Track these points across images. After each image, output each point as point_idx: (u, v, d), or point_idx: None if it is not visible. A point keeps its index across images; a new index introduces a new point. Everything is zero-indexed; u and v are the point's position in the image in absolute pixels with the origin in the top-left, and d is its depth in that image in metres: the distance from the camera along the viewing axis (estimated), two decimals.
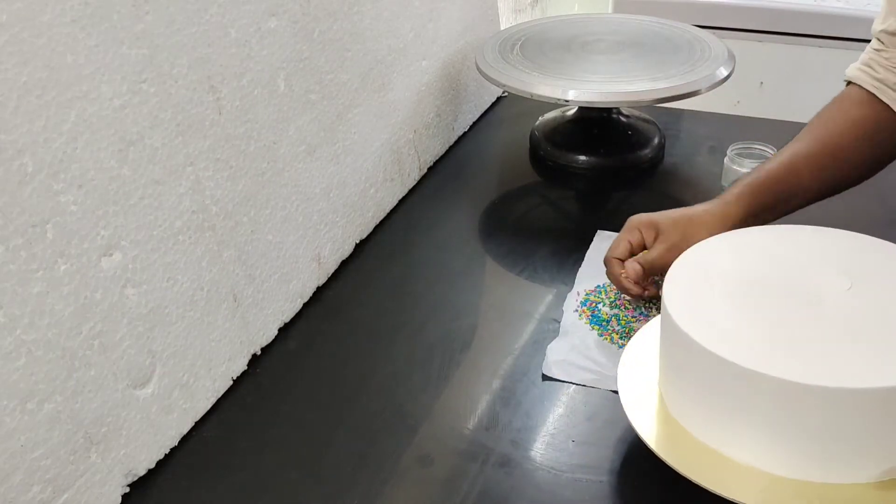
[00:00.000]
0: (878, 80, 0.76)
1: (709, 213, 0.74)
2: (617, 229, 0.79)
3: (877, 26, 0.77)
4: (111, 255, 0.59)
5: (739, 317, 0.56)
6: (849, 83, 0.80)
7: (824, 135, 0.77)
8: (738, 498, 0.52)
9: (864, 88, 0.77)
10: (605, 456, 0.65)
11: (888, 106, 0.76)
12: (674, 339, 0.57)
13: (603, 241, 0.88)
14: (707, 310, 0.57)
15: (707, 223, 0.72)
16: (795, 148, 0.77)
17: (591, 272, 0.83)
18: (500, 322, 0.80)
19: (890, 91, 0.76)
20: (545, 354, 0.73)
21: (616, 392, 0.68)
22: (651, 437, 0.58)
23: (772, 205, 0.75)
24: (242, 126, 0.71)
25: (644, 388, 0.62)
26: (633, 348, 0.66)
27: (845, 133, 0.77)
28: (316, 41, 0.81)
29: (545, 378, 0.71)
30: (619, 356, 0.70)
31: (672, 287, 0.59)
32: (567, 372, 0.71)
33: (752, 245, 0.63)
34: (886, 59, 0.76)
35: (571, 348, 0.73)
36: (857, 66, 0.79)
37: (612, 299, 0.78)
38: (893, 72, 0.76)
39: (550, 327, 0.77)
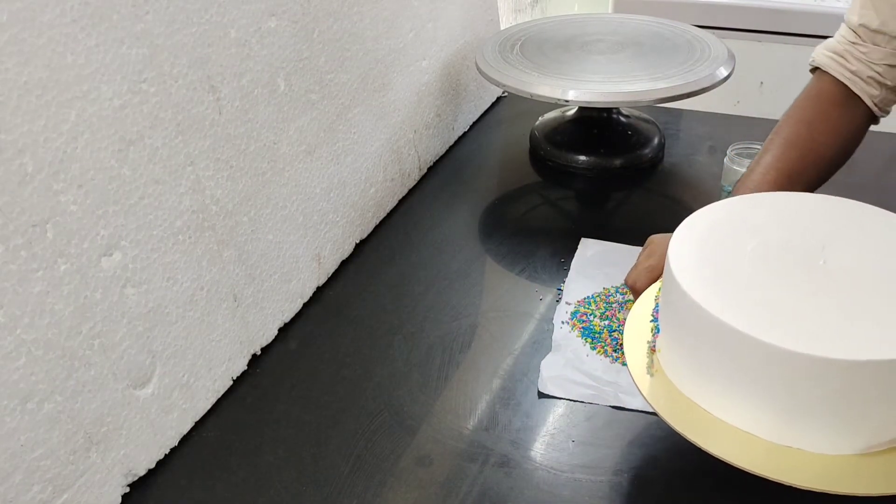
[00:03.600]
0: (851, 71, 0.76)
1: None
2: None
3: (853, 18, 0.76)
4: (111, 254, 0.59)
5: (739, 282, 0.56)
6: (815, 69, 0.79)
7: (807, 144, 0.76)
8: (722, 455, 0.53)
9: (835, 79, 0.77)
10: (605, 456, 0.65)
11: (860, 99, 0.76)
12: (676, 300, 0.57)
13: (587, 250, 0.88)
14: (708, 274, 0.57)
15: None
16: (780, 164, 0.75)
17: (578, 282, 0.83)
18: (500, 322, 0.80)
19: (862, 83, 0.76)
20: (539, 371, 0.72)
21: (614, 407, 0.68)
22: (649, 395, 0.58)
23: None
24: (243, 126, 0.71)
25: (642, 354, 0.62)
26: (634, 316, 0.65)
27: (828, 141, 0.76)
28: (316, 41, 0.81)
29: (541, 395, 0.70)
30: (614, 369, 0.70)
31: (677, 249, 0.59)
32: (563, 388, 0.70)
33: (755, 210, 0.64)
34: (863, 53, 0.75)
35: (566, 363, 0.72)
36: (826, 53, 0.78)
37: (602, 310, 0.78)
38: (868, 65, 0.75)
39: (550, 327, 0.77)
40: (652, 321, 0.63)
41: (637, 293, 0.67)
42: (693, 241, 0.59)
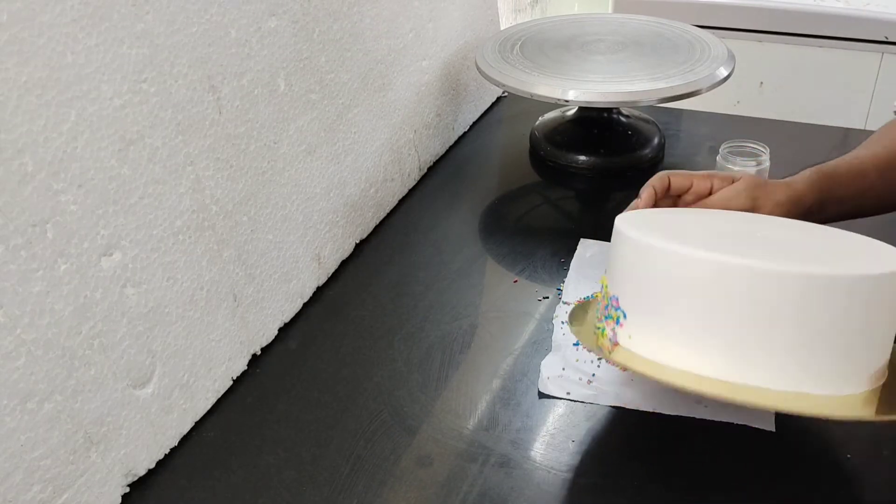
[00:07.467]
0: None
1: (783, 189, 0.71)
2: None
3: None
4: (111, 254, 0.59)
5: (680, 230, 0.63)
6: None
7: (891, 141, 0.74)
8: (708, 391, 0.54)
9: None
10: (605, 456, 0.65)
11: None
12: (623, 250, 0.61)
13: (586, 250, 0.87)
14: (655, 226, 0.63)
15: (780, 201, 0.70)
16: (861, 152, 0.74)
17: (578, 282, 0.82)
18: (500, 322, 0.80)
19: None
20: (539, 371, 0.72)
21: (614, 407, 0.68)
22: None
23: (839, 197, 0.72)
24: (243, 125, 0.71)
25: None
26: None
27: None
28: (316, 41, 0.81)
29: (541, 395, 0.70)
30: (614, 369, 0.69)
31: (624, 222, 0.64)
32: (563, 388, 0.70)
33: (688, 213, 0.71)
34: None
35: (566, 363, 0.72)
36: None
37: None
38: None
39: (550, 327, 0.77)
40: (605, 318, 0.62)
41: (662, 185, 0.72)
42: (638, 218, 0.66)
